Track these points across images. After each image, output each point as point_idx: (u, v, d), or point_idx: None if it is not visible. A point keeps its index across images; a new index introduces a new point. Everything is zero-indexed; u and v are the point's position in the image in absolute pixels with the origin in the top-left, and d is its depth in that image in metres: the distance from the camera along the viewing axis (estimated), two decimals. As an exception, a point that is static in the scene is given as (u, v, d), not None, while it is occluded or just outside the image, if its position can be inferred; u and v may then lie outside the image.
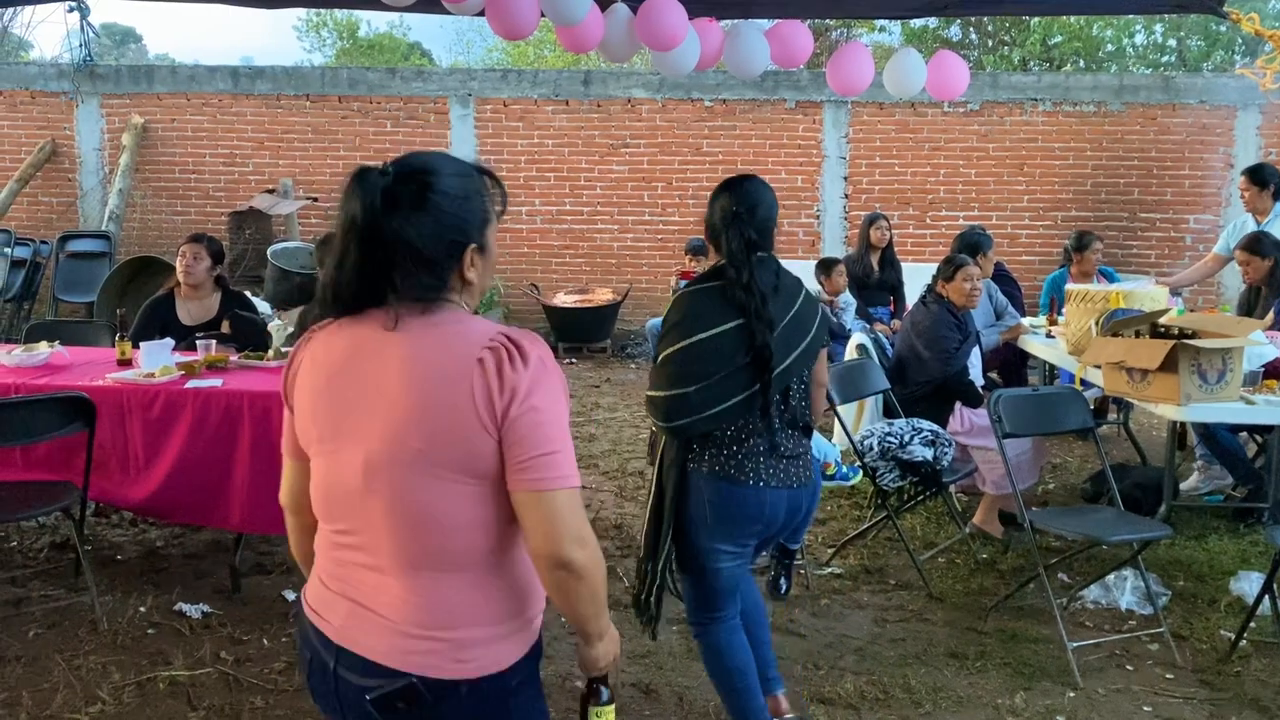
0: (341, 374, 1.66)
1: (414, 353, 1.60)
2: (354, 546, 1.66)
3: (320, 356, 1.69)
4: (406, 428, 1.58)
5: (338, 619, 1.67)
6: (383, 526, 1.62)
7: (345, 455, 1.64)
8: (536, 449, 1.57)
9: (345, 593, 1.67)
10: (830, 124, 10.62)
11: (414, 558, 1.61)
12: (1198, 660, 3.78)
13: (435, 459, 1.58)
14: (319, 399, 1.68)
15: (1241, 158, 10.37)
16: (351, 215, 1.62)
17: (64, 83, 10.79)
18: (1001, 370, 6.62)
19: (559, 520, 1.58)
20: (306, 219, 10.68)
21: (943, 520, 5.13)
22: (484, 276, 1.71)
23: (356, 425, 1.63)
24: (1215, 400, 4.17)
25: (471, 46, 25.30)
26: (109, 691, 3.41)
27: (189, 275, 5.12)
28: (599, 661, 1.74)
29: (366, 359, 1.63)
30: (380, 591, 1.64)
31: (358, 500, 1.63)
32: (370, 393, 1.62)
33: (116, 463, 4.17)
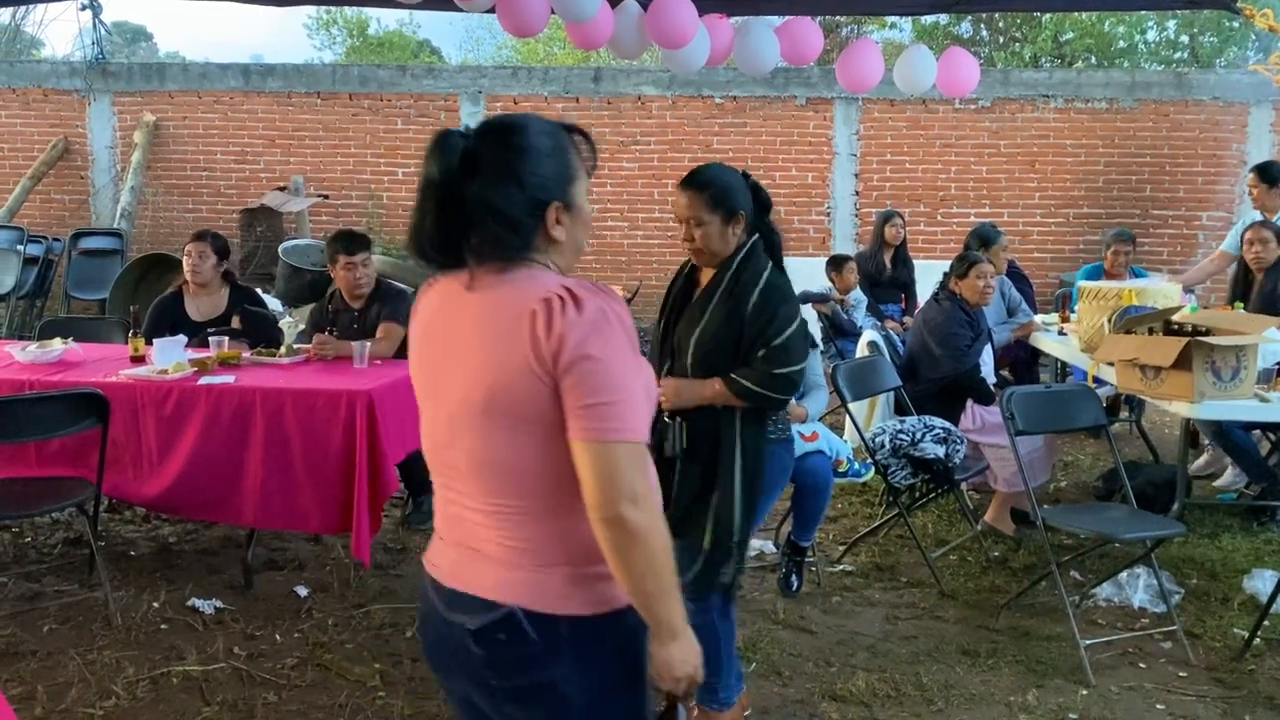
0: (431, 331, 1.74)
1: (483, 309, 1.64)
2: (455, 493, 1.73)
3: (421, 313, 1.78)
4: (474, 381, 1.62)
5: (447, 563, 1.74)
6: (468, 474, 1.67)
7: (437, 408, 1.72)
8: (590, 397, 1.54)
9: (454, 538, 1.74)
10: (841, 121, 10.60)
11: (499, 502, 1.65)
12: (1211, 658, 3.76)
13: (499, 409, 1.60)
14: (418, 354, 1.78)
15: (1254, 154, 10.31)
16: (429, 177, 1.64)
17: (76, 81, 10.83)
18: (1013, 368, 6.60)
19: (611, 473, 1.53)
20: (317, 216, 10.70)
21: (954, 518, 5.12)
22: (574, 233, 1.71)
23: (440, 380, 1.71)
24: (1229, 398, 4.15)
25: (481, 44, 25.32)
26: (123, 686, 3.43)
27: (196, 274, 5.14)
28: (672, 667, 1.61)
29: (448, 317, 1.70)
30: (481, 533, 1.68)
31: (447, 451, 1.70)
32: (448, 349, 1.68)
33: (130, 459, 4.19)
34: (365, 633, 3.87)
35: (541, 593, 1.61)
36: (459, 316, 1.67)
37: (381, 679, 3.50)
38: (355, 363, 4.52)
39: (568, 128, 1.71)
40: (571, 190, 1.68)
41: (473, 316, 1.64)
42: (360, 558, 4.02)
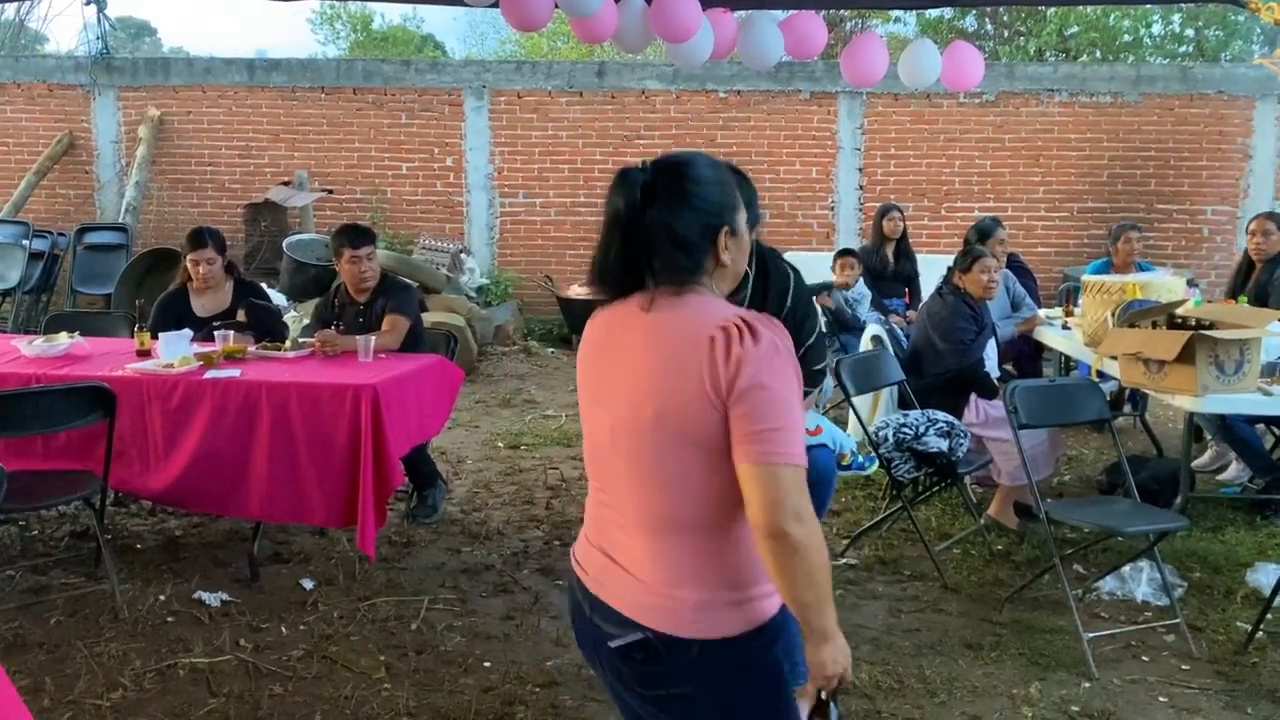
0: (602, 348, 1.87)
1: (658, 329, 1.76)
2: (608, 504, 1.85)
3: (592, 333, 1.91)
4: (644, 396, 1.73)
5: (593, 570, 1.86)
6: (626, 487, 1.79)
7: (599, 420, 1.85)
8: (761, 423, 1.65)
9: (601, 546, 1.86)
10: (845, 115, 10.59)
11: (651, 519, 1.76)
12: (1213, 651, 3.77)
13: (667, 427, 1.71)
14: (585, 369, 1.91)
15: (1259, 148, 10.31)
16: (615, 209, 1.79)
17: (81, 76, 10.85)
18: (1017, 362, 6.60)
19: (779, 493, 1.64)
20: (322, 211, 10.71)
21: (958, 511, 5.13)
22: (737, 259, 1.84)
23: (608, 393, 1.82)
24: (1232, 391, 4.15)
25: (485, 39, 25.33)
26: (130, 678, 3.45)
27: (208, 280, 5.10)
28: (825, 668, 1.72)
29: (621, 335, 1.82)
30: (626, 548, 1.80)
31: (607, 461, 1.83)
32: (619, 364, 1.80)
33: (136, 452, 4.21)
34: (371, 625, 3.89)
35: (675, 619, 1.73)
36: (629, 336, 1.80)
37: (387, 671, 3.52)
38: (360, 357, 4.53)
39: (729, 166, 1.91)
40: (737, 217, 1.83)
41: (648, 335, 1.76)
42: (365, 551, 4.04)
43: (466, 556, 4.59)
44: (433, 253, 10.08)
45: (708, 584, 1.73)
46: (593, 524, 1.91)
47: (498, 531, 4.92)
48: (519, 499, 5.44)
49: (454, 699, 3.36)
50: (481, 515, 5.15)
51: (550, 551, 4.68)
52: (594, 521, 1.91)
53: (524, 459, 6.23)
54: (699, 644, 1.72)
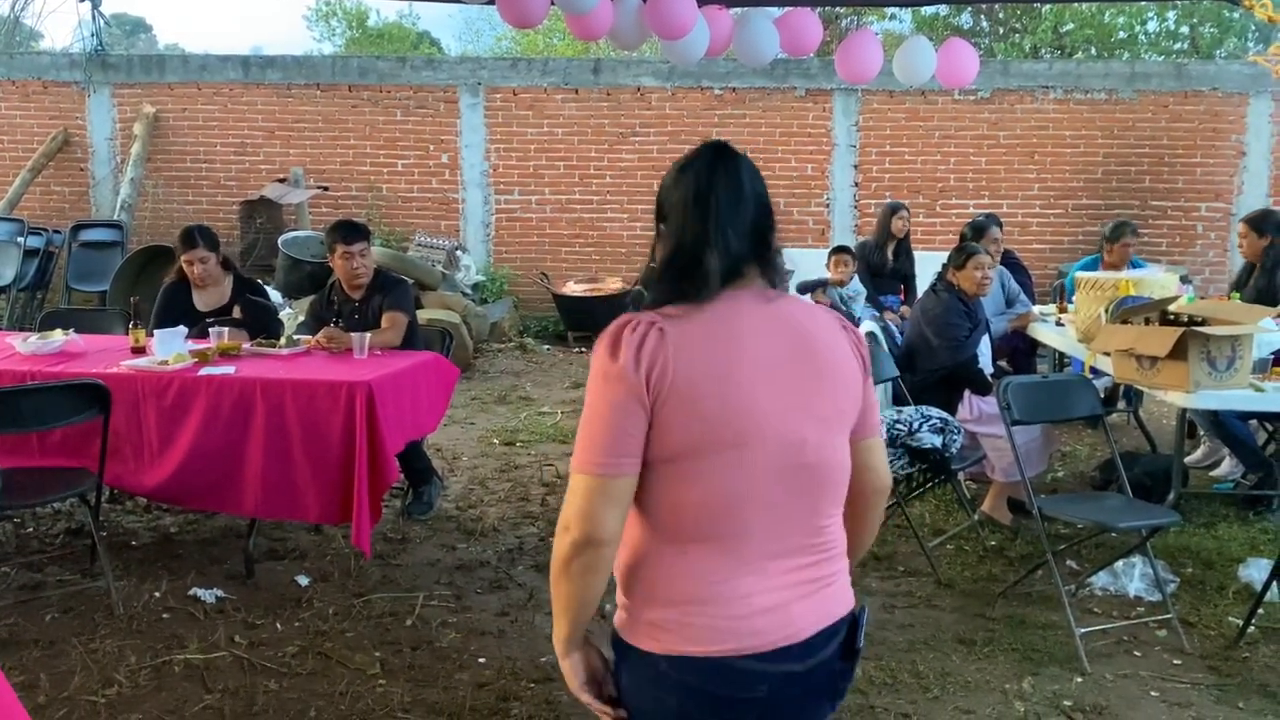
0: (738, 363, 1.59)
1: (809, 325, 1.69)
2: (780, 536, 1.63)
3: (695, 349, 1.59)
4: (846, 394, 1.71)
5: (793, 619, 1.63)
6: (813, 494, 1.66)
7: (762, 446, 1.59)
8: (875, 398, 1.79)
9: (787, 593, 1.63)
10: (840, 112, 10.60)
11: (829, 514, 1.70)
12: (1205, 646, 3.79)
13: (850, 418, 1.73)
14: (717, 395, 1.57)
15: (1254, 145, 10.34)
16: (752, 182, 1.71)
17: (76, 73, 10.84)
18: (1011, 358, 6.62)
19: (885, 455, 1.84)
20: (317, 208, 10.71)
21: (952, 507, 5.15)
22: None
23: (790, 403, 1.62)
24: (1224, 387, 4.17)
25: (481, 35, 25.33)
26: (125, 674, 3.45)
27: (204, 279, 5.11)
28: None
29: (760, 338, 1.63)
30: (810, 561, 1.67)
31: (789, 480, 1.62)
32: (791, 371, 1.64)
33: (131, 449, 4.21)
34: (366, 622, 3.89)
35: (850, 588, 1.77)
36: (777, 335, 1.64)
37: (381, 667, 3.53)
38: (355, 353, 4.54)
39: None
40: None
41: (808, 330, 1.68)
42: (361, 547, 4.04)
43: (462, 553, 4.60)
44: (428, 250, 10.09)
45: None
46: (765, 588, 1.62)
47: (493, 528, 4.93)
48: (514, 495, 5.45)
49: (449, 695, 3.37)
50: (477, 512, 5.16)
51: (544, 548, 4.69)
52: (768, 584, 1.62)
53: (519, 455, 6.24)
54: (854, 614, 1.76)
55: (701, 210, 1.66)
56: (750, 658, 1.58)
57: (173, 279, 5.21)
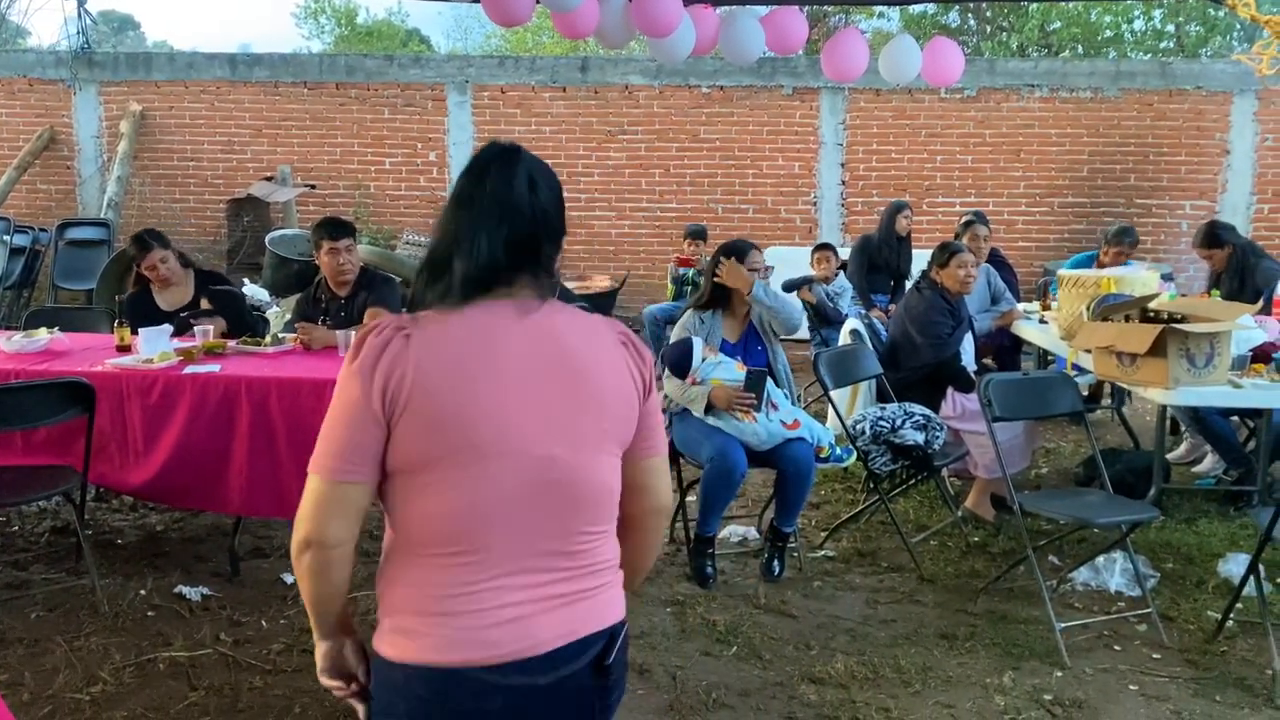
0: (484, 374, 1.55)
1: (569, 338, 1.62)
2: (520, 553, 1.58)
3: (439, 356, 1.54)
4: (597, 410, 1.62)
5: (541, 631, 1.59)
6: (559, 513, 1.59)
7: (508, 458, 1.55)
8: (657, 418, 1.75)
9: (528, 607, 1.59)
10: (827, 110, 10.64)
11: (584, 532, 1.63)
12: (1184, 640, 3.82)
13: (613, 436, 1.66)
14: (457, 402, 1.53)
15: (1237, 144, 10.41)
16: (517, 190, 1.61)
17: (62, 70, 10.80)
18: (996, 356, 6.65)
19: (668, 477, 1.81)
20: (305, 206, 10.70)
21: (935, 504, 5.18)
22: None
23: (528, 420, 1.56)
24: (1203, 384, 4.21)
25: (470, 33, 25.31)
26: (109, 672, 3.46)
27: (170, 278, 5.17)
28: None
29: (513, 350, 1.57)
30: (562, 576, 1.61)
31: (530, 497, 1.57)
32: (538, 384, 1.57)
33: (116, 447, 4.21)
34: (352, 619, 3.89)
35: (618, 603, 1.72)
36: (532, 347, 1.58)
37: (366, 664, 3.54)
38: (340, 351, 4.55)
39: None
40: None
41: (562, 344, 1.60)
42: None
43: (447, 550, 4.61)
44: (416, 248, 10.08)
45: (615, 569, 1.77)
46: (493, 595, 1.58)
47: (479, 525, 4.93)
48: (500, 493, 5.45)
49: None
50: (463, 509, 5.16)
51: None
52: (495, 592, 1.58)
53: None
54: (620, 625, 1.71)
55: (460, 213, 1.61)
56: (485, 669, 1.55)
57: (133, 289, 5.27)
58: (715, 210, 10.71)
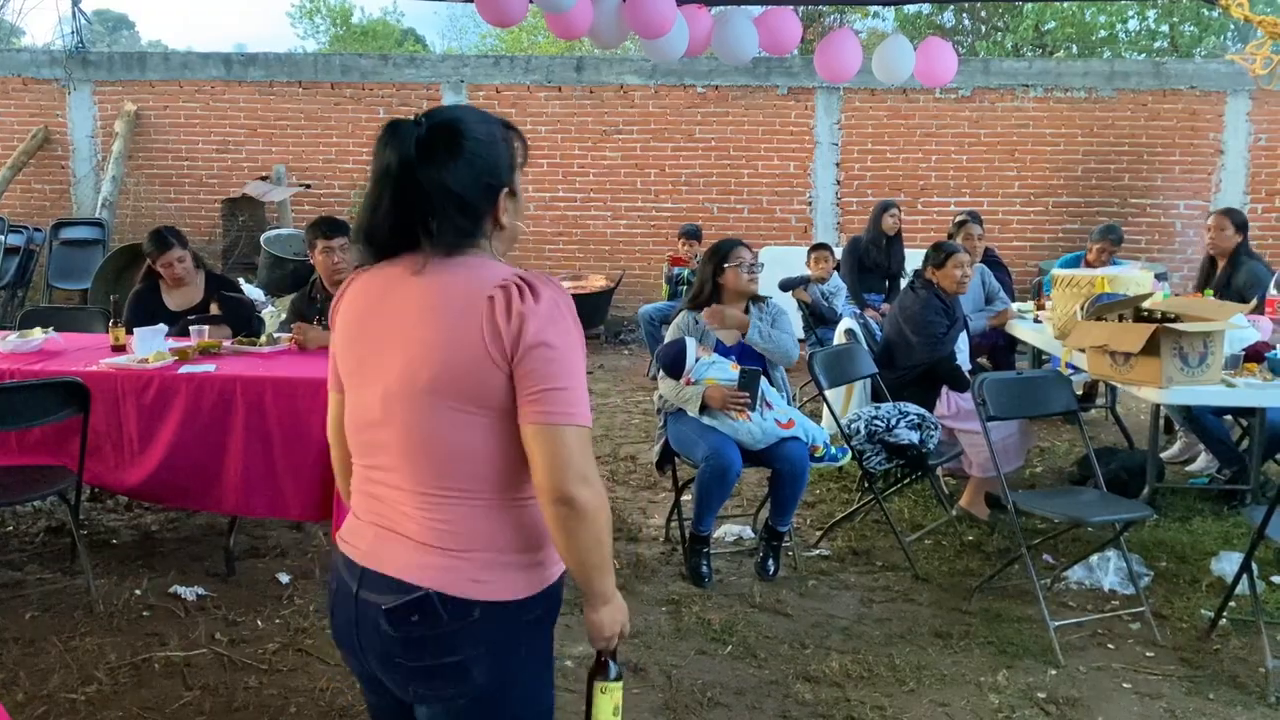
0: (369, 314, 1.75)
1: (432, 292, 1.67)
2: (379, 474, 1.75)
3: (355, 297, 1.79)
4: (419, 362, 1.65)
5: (364, 543, 1.75)
6: (401, 455, 1.69)
7: (368, 388, 1.73)
8: (545, 383, 1.60)
9: (373, 520, 1.76)
10: (822, 110, 10.65)
11: (430, 484, 1.68)
12: (1178, 639, 3.84)
13: (445, 391, 1.64)
14: (349, 336, 1.78)
15: (1231, 144, 10.43)
16: (386, 164, 1.68)
17: (56, 70, 10.79)
18: (991, 355, 6.67)
19: (564, 455, 1.60)
20: (300, 206, 10.69)
21: (929, 503, 5.19)
22: (515, 219, 1.77)
23: (378, 361, 1.72)
24: (1196, 383, 4.22)
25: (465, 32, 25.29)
26: (105, 672, 3.46)
27: (183, 277, 5.12)
28: (604, 629, 1.75)
29: (391, 299, 1.71)
30: (403, 514, 1.71)
31: (379, 431, 1.72)
32: (390, 330, 1.70)
33: (111, 447, 4.21)
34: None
35: (457, 577, 1.66)
36: (400, 300, 1.70)
37: (362, 663, 3.54)
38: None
39: (499, 120, 1.78)
40: (515, 177, 1.75)
41: (419, 299, 1.67)
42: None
43: (443, 550, 4.61)
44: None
45: (495, 546, 1.68)
46: (362, 501, 1.79)
47: (474, 525, 4.94)
48: (496, 492, 5.45)
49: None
50: (458, 509, 5.16)
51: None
52: (364, 498, 1.79)
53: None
54: (481, 605, 1.66)
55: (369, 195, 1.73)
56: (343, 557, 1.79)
57: (141, 284, 5.20)
58: (710, 210, 10.73)
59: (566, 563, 1.69)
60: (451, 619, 1.65)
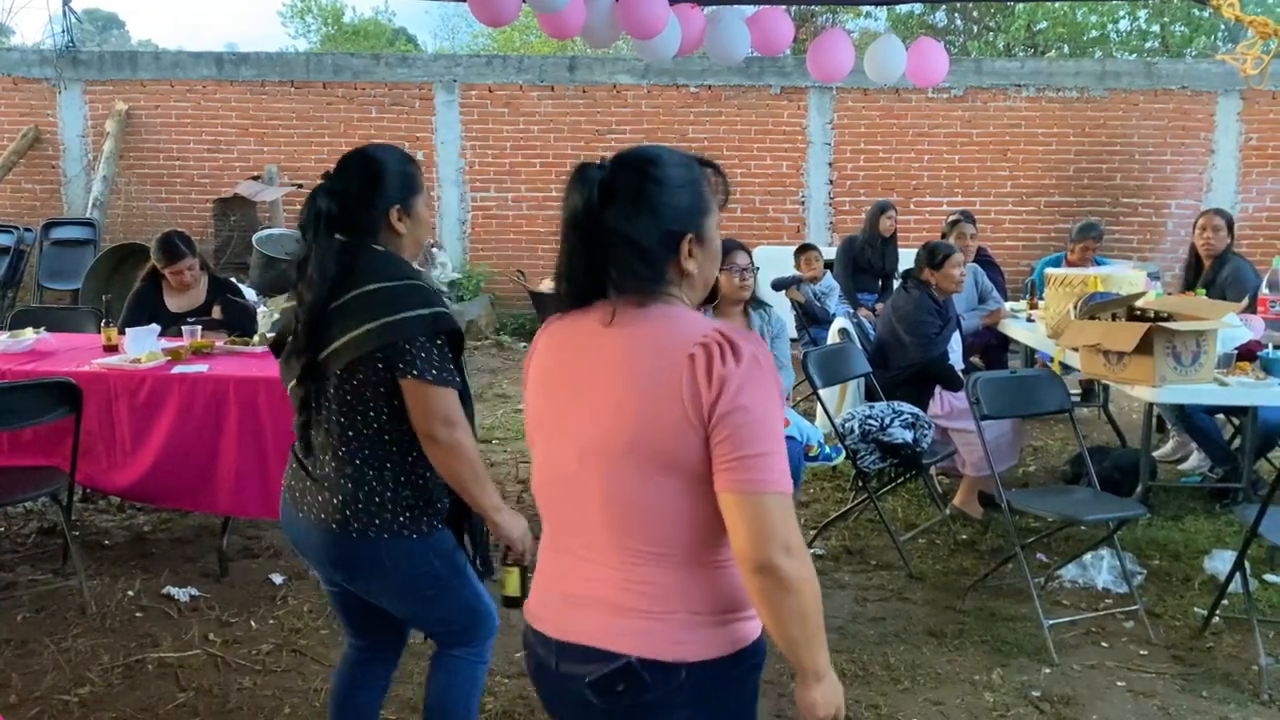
0: (560, 366, 1.71)
1: (628, 347, 1.61)
2: (570, 545, 1.69)
3: (549, 348, 1.75)
4: (616, 421, 1.59)
5: (552, 614, 1.69)
6: (596, 515, 1.63)
7: (562, 443, 1.68)
8: (743, 449, 1.52)
9: (563, 588, 1.69)
10: (815, 110, 10.66)
11: (627, 544, 1.61)
12: (1171, 636, 3.85)
13: (643, 453, 1.57)
14: (541, 389, 1.75)
15: (1222, 143, 10.47)
16: (574, 210, 1.65)
17: (47, 69, 10.74)
18: (984, 355, 6.68)
19: (766, 524, 1.51)
20: (292, 206, 10.65)
21: (923, 502, 5.20)
22: (705, 267, 1.69)
23: (573, 419, 1.66)
24: (1189, 382, 4.23)
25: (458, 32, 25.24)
26: (97, 673, 3.45)
27: (194, 283, 5.07)
28: (815, 709, 1.62)
29: (583, 353, 1.67)
30: (596, 579, 1.64)
31: (572, 491, 1.67)
32: (584, 386, 1.65)
33: (103, 448, 4.20)
34: (340, 619, 3.89)
35: (657, 640, 1.60)
36: (596, 353, 1.65)
37: (356, 664, 3.53)
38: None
39: (701, 161, 1.72)
40: (705, 222, 1.67)
41: (616, 353, 1.62)
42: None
43: (437, 550, 4.60)
44: (404, 247, 10.05)
45: (694, 607, 1.60)
46: (551, 561, 1.72)
47: (468, 525, 4.93)
48: (490, 492, 5.44)
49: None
50: (452, 509, 5.16)
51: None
52: (552, 569, 1.72)
53: (496, 453, 6.24)
54: (686, 668, 1.58)
55: (562, 240, 1.70)
56: (532, 631, 1.74)
57: (142, 283, 5.15)
58: (703, 209, 10.72)
59: (772, 636, 1.59)
60: (656, 684, 1.59)
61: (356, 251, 2.25)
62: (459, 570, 2.39)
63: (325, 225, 2.24)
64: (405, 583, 2.32)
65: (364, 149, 2.38)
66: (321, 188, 2.29)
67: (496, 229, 10.91)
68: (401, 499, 2.25)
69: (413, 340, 2.17)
